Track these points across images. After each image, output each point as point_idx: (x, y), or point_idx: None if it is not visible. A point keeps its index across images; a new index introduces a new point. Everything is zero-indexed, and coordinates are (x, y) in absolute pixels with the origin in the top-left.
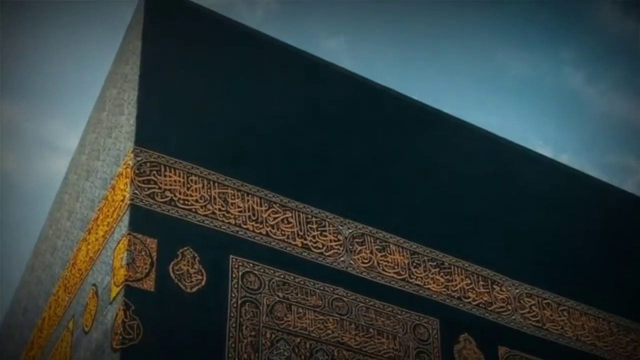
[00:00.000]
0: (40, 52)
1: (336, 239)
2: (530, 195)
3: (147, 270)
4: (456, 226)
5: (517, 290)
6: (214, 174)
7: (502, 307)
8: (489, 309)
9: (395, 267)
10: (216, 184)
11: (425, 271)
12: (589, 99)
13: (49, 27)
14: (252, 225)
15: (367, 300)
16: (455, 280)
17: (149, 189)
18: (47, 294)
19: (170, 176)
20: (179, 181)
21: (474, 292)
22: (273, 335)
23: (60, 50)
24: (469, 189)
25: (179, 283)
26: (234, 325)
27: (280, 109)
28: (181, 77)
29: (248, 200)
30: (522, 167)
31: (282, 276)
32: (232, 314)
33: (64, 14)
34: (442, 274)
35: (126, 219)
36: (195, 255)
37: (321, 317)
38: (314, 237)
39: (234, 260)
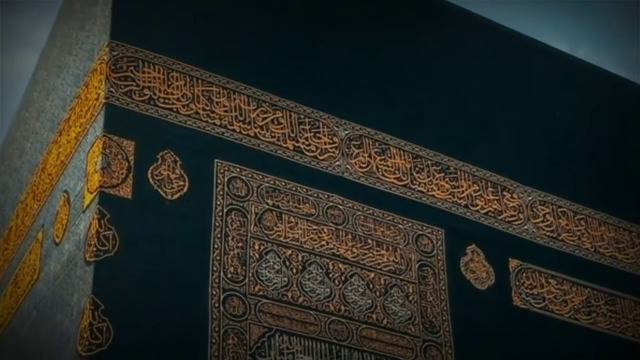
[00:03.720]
0: None
1: (331, 141)
2: (544, 93)
3: (123, 176)
4: (463, 127)
5: (530, 198)
6: (197, 70)
7: (513, 215)
8: (499, 218)
9: (396, 172)
10: (200, 81)
11: (428, 176)
12: None
13: None
14: (239, 126)
15: (365, 209)
16: (462, 187)
17: (125, 86)
18: (14, 202)
19: (149, 72)
20: (159, 78)
21: (483, 199)
22: (262, 247)
23: None
24: (477, 86)
25: (159, 189)
26: (219, 235)
27: None
28: None
29: (234, 99)
30: (535, 63)
31: (271, 182)
32: (217, 224)
33: None
34: (447, 179)
35: (101, 120)
36: (177, 159)
37: (315, 227)
38: (306, 139)
39: (219, 164)
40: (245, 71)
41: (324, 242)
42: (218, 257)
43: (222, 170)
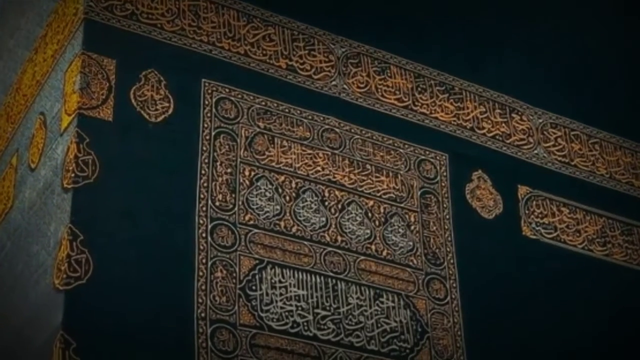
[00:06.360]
0: None
1: (327, 60)
2: (556, 8)
3: (104, 97)
4: (468, 44)
5: (540, 120)
6: None
7: (523, 139)
8: (507, 141)
9: (397, 92)
10: None
11: (432, 97)
12: None
13: None
14: (228, 44)
15: (363, 132)
16: (468, 108)
17: (106, 0)
18: None
19: None
20: None
21: (490, 122)
22: (253, 173)
23: None
24: (484, 0)
25: (142, 111)
26: (206, 160)
27: None
28: None
29: (223, 14)
30: None
31: (263, 103)
32: (204, 148)
33: None
34: (451, 100)
35: (79, 36)
36: (161, 78)
37: (309, 152)
38: (300, 57)
39: (206, 84)
40: None
41: (319, 168)
42: (205, 184)
43: (209, 91)
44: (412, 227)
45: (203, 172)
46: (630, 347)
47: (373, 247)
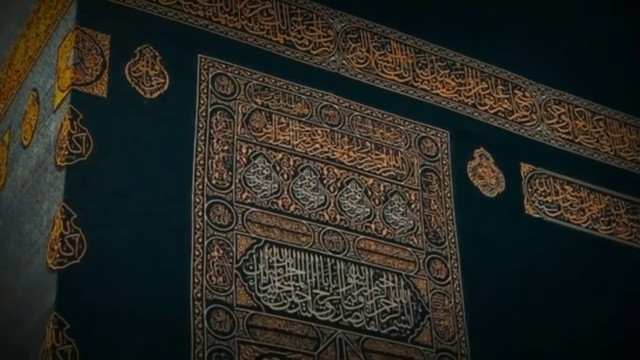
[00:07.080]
0: None
1: (326, 35)
2: None
3: (98, 72)
4: (470, 19)
5: (544, 96)
6: None
7: (526, 116)
8: (510, 118)
9: (397, 68)
10: None
11: (432, 73)
12: None
13: None
14: (225, 18)
15: (362, 108)
16: (469, 84)
17: None
18: None
19: None
20: None
21: (492, 98)
22: (250, 150)
23: None
24: None
25: (137, 87)
26: (202, 137)
27: None
28: None
29: None
30: None
31: (260, 79)
32: (200, 125)
33: None
34: (453, 76)
35: (73, 11)
36: (156, 54)
37: (308, 129)
38: (299, 32)
39: (202, 60)
40: None
41: (317, 145)
42: (201, 162)
43: (205, 66)
44: (413, 206)
45: (199, 149)
46: (634, 327)
47: (373, 226)
